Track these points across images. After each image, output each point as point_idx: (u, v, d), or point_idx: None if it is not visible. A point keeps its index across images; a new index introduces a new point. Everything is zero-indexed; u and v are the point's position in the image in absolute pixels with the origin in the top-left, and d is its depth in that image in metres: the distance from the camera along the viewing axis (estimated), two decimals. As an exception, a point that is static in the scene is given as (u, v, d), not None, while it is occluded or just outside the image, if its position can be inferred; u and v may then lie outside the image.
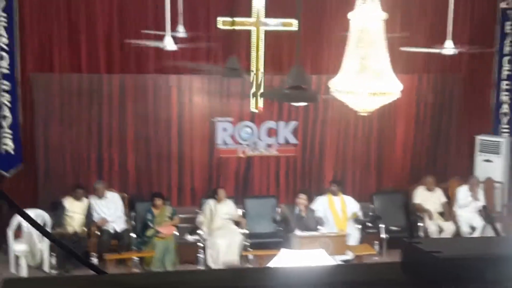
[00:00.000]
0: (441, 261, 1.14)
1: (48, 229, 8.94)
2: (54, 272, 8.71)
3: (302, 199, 9.22)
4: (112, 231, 9.13)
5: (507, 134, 10.72)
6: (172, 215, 9.34)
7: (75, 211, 9.08)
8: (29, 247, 8.59)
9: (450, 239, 5.66)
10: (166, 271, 8.59)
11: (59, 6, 9.37)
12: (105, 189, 9.35)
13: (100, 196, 9.28)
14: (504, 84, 10.74)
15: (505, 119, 10.78)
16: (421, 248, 1.20)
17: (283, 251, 6.61)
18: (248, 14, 9.68)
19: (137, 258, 8.96)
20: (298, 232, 8.52)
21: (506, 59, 10.65)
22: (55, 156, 9.68)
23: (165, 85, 9.89)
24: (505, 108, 10.77)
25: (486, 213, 7.04)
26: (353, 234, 9.19)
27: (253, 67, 9.80)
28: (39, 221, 8.90)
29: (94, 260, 8.82)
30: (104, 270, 1.60)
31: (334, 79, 5.18)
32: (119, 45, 9.54)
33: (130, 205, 9.65)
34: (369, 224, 9.80)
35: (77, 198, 9.11)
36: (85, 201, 9.16)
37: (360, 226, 9.54)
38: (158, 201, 9.23)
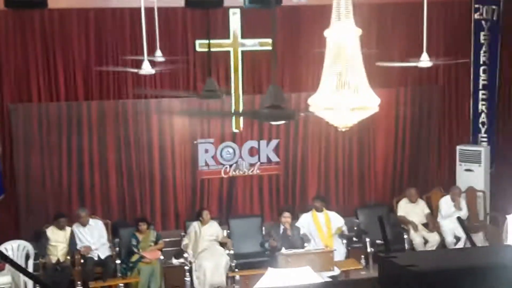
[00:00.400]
0: (417, 275, 1.15)
1: (32, 259, 8.86)
2: (38, 303, 8.60)
3: (286, 217, 9.20)
4: (96, 258, 9.05)
5: (485, 143, 10.82)
6: (157, 240, 9.28)
7: (58, 240, 8.99)
8: (13, 278, 8.46)
9: (425, 252, 5.67)
10: None
11: (35, 36, 9.34)
12: (88, 216, 9.28)
13: (84, 224, 9.19)
14: (481, 94, 10.85)
15: (483, 129, 10.88)
16: (397, 262, 1.20)
17: (270, 271, 6.58)
18: (226, 36, 9.74)
19: (122, 285, 8.87)
20: (284, 251, 8.50)
21: (482, 68, 10.78)
22: (36, 185, 9.60)
23: (144, 110, 9.87)
24: (483, 117, 10.88)
25: (462, 224, 7.07)
26: (339, 249, 9.18)
27: (232, 88, 9.84)
28: (21, 252, 8.81)
29: (80, 289, 8.74)
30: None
31: (313, 96, 5.20)
32: (97, 72, 9.53)
33: (113, 232, 9.57)
34: (355, 239, 9.81)
35: (60, 227, 9.02)
36: (68, 229, 9.07)
37: (345, 241, 9.54)
38: (143, 226, 9.18)
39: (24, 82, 9.44)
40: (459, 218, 7.77)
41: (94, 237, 9.21)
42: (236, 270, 9.09)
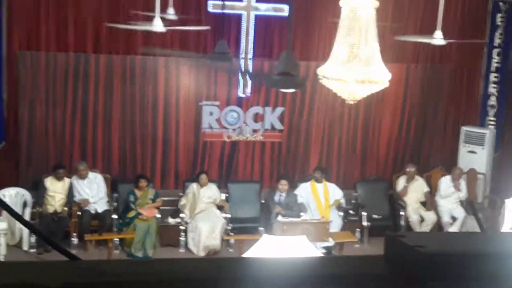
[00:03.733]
0: (424, 255, 1.12)
1: (29, 208, 8.89)
2: (32, 251, 8.66)
3: (283, 184, 9.21)
4: (93, 211, 9.08)
5: (493, 127, 10.75)
6: (155, 198, 9.29)
7: (56, 191, 9.00)
8: (9, 225, 8.51)
9: (434, 234, 5.67)
10: (140, 260, 8.53)
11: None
12: (87, 170, 9.27)
13: (82, 177, 9.20)
14: (492, 76, 10.74)
15: (492, 112, 10.80)
16: (405, 242, 1.17)
17: (265, 237, 6.59)
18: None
19: (117, 240, 8.91)
20: (280, 218, 8.51)
21: (496, 51, 10.64)
22: (38, 135, 9.58)
23: (152, 67, 9.80)
24: (492, 100, 10.79)
25: (471, 206, 7.05)
26: (335, 221, 9.20)
27: (242, 52, 9.75)
28: (19, 200, 8.84)
29: (75, 241, 8.79)
30: (76, 256, 1.56)
31: (323, 66, 5.13)
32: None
33: (112, 187, 9.58)
34: (351, 212, 9.82)
35: (58, 178, 9.03)
36: (66, 181, 9.08)
37: (342, 214, 9.56)
38: (143, 183, 9.17)
39: (34, 30, 9.35)
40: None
41: (93, 191, 9.23)
42: (232, 234, 9.12)
